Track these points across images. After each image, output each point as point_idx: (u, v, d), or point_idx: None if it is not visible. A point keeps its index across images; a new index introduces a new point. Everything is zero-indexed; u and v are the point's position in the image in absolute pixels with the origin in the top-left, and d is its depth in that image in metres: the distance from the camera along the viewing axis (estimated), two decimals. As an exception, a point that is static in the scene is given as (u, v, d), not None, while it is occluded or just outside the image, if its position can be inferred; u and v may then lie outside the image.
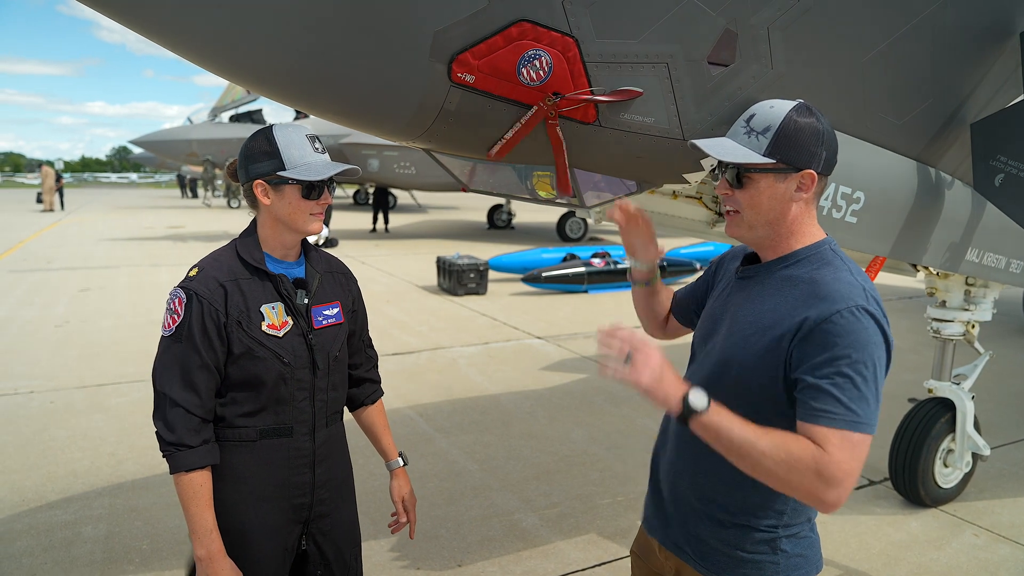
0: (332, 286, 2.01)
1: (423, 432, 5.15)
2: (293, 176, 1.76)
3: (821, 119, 1.53)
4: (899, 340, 8.35)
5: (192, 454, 1.75)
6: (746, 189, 1.54)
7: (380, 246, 17.11)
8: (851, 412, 1.37)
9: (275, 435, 1.87)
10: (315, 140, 1.83)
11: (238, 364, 1.81)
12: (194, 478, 1.76)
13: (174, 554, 3.48)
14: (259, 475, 1.87)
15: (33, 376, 6.31)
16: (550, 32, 2.10)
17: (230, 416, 1.84)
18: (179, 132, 24.44)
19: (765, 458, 1.35)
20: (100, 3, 1.86)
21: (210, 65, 2.08)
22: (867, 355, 1.39)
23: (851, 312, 1.40)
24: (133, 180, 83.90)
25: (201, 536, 1.78)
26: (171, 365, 1.77)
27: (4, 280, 11.24)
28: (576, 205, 2.92)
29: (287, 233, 1.87)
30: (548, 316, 9.33)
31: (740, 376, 1.54)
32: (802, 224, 1.56)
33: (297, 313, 1.87)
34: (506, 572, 3.40)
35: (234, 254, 1.86)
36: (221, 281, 1.79)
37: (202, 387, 1.78)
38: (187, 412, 1.75)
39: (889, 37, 2.53)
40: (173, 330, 1.77)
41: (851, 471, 1.35)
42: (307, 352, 1.88)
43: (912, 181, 2.83)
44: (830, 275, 1.48)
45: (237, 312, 1.79)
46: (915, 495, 4.06)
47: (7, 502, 3.98)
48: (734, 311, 1.62)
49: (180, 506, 3.79)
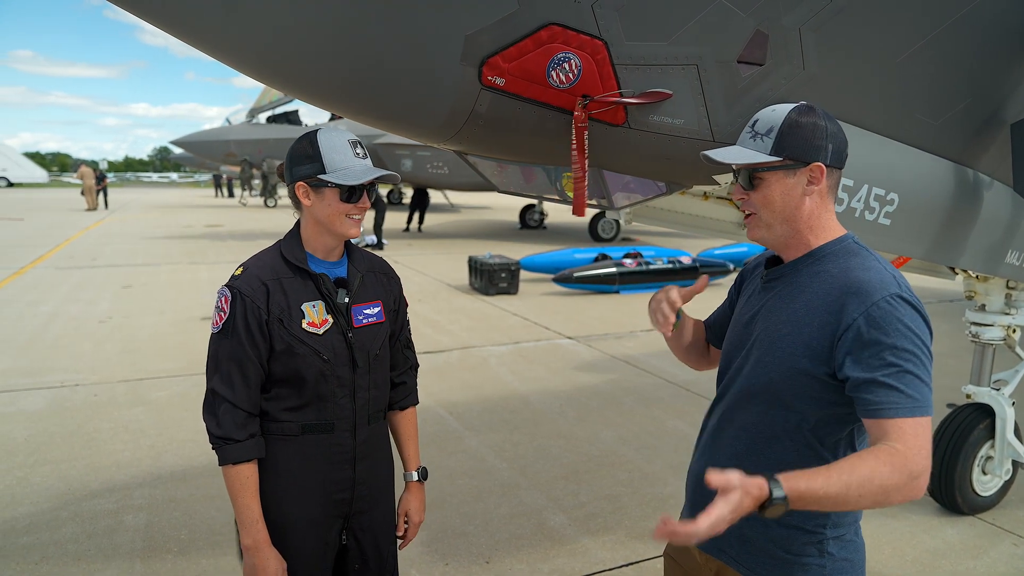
0: (374, 286, 2.04)
1: (453, 430, 5.21)
2: (332, 180, 1.81)
3: (823, 116, 1.55)
4: (937, 344, 8.08)
5: (239, 447, 1.82)
6: (759, 190, 1.57)
7: (413, 245, 17.26)
8: (913, 399, 1.38)
9: (317, 431, 1.92)
10: (357, 145, 1.87)
11: (280, 360, 1.86)
12: (241, 470, 1.82)
13: (211, 544, 3.57)
14: (301, 469, 1.91)
15: (78, 370, 6.51)
16: (579, 35, 2.12)
17: (274, 411, 1.89)
18: (218, 133, 24.95)
19: (864, 499, 1.34)
20: (148, 14, 1.94)
21: (246, 69, 2.15)
22: (911, 340, 1.40)
23: (887, 302, 1.41)
24: (173, 179, 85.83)
25: (248, 526, 1.84)
26: (218, 361, 1.84)
27: (51, 277, 11.60)
28: (606, 206, 2.94)
29: (326, 235, 1.92)
30: (579, 316, 9.33)
31: (777, 375, 1.53)
32: (820, 219, 1.58)
33: (337, 311, 1.92)
34: (534, 570, 3.42)
35: (278, 254, 1.92)
36: (263, 280, 1.85)
37: (247, 382, 1.84)
38: (233, 406, 1.82)
39: (925, 36, 2.49)
40: (220, 327, 1.84)
41: (928, 454, 1.37)
42: (347, 350, 1.92)
43: (949, 182, 2.78)
44: (859, 266, 1.49)
45: (278, 310, 1.84)
46: (952, 502, 3.98)
47: (54, 490, 4.13)
48: (766, 313, 1.61)
49: (217, 498, 3.89)
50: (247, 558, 1.85)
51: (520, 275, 11.04)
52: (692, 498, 1.77)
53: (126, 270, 12.54)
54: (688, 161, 2.42)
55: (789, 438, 1.54)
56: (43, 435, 4.94)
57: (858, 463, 1.35)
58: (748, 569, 1.60)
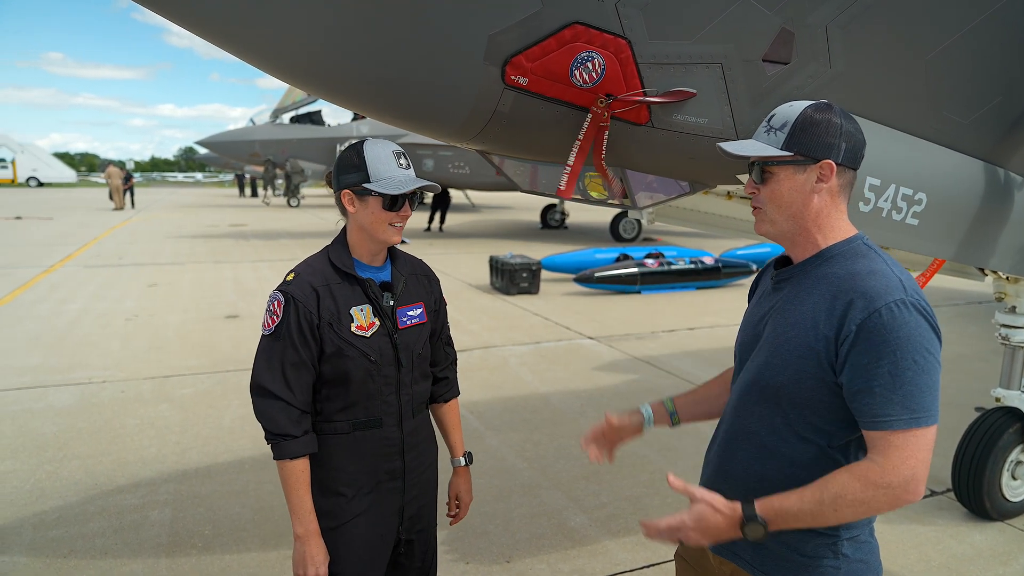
0: (416, 288, 2.13)
1: (474, 429, 5.21)
2: (375, 188, 1.89)
3: (840, 115, 1.54)
4: (966, 347, 8.05)
5: (295, 443, 1.90)
6: (767, 184, 1.57)
7: (434, 245, 17.32)
8: (908, 410, 1.38)
9: (367, 427, 2.01)
10: (401, 156, 1.94)
11: (330, 362, 1.94)
12: (296, 465, 1.91)
13: (235, 540, 3.61)
14: (354, 464, 2.00)
15: (105, 367, 6.61)
16: (603, 34, 2.11)
17: (327, 411, 1.98)
18: (242, 133, 25.21)
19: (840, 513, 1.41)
20: (176, 14, 1.96)
21: (271, 69, 2.17)
22: (913, 349, 1.38)
23: (889, 309, 1.40)
24: (199, 179, 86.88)
25: (301, 516, 1.92)
26: (271, 361, 1.91)
27: (79, 275, 11.80)
28: (629, 206, 2.92)
29: (370, 241, 1.99)
30: (600, 316, 9.30)
31: (785, 379, 1.53)
32: (829, 219, 1.57)
33: (383, 314, 2.00)
34: (554, 570, 3.42)
35: (326, 260, 2.00)
36: (315, 286, 1.93)
37: (300, 382, 1.92)
38: (287, 404, 1.90)
39: (955, 33, 2.45)
40: (273, 329, 1.91)
41: (917, 463, 1.39)
42: (392, 350, 2.01)
43: (978, 182, 2.74)
44: (865, 270, 1.47)
45: (328, 315, 1.92)
46: (980, 508, 3.91)
47: (82, 485, 4.20)
48: (775, 315, 1.60)
49: (241, 494, 3.93)
50: (297, 546, 1.94)
51: (541, 275, 11.03)
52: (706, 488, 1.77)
53: (152, 269, 12.72)
54: (712, 160, 2.40)
55: (799, 440, 1.54)
56: (71, 431, 5.03)
57: (830, 481, 1.42)
58: (763, 573, 1.60)
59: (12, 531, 3.66)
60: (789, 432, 1.55)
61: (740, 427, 1.65)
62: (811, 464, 1.52)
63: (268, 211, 28.80)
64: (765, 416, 1.58)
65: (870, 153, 2.45)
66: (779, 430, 1.56)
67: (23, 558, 3.42)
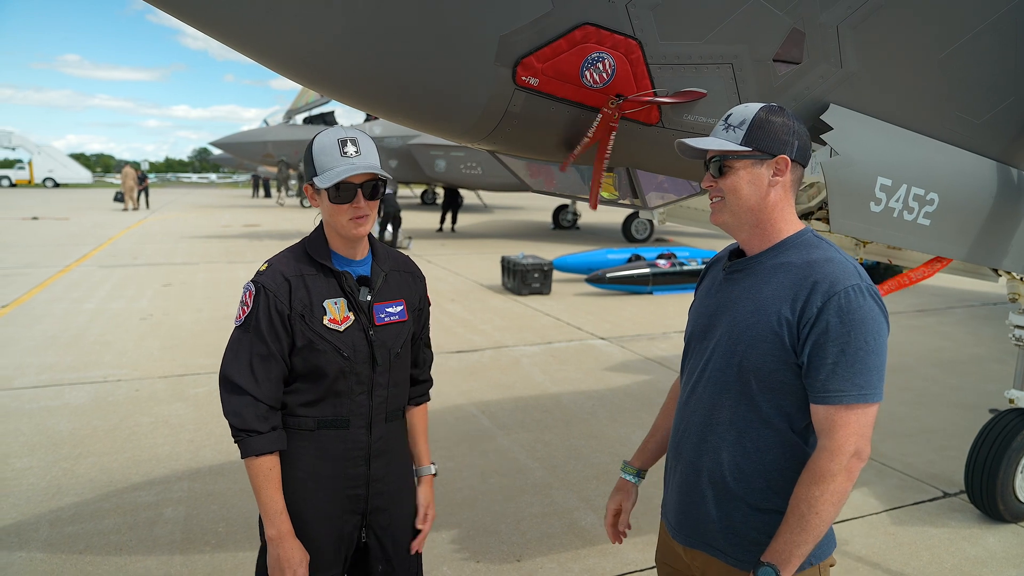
0: (398, 284, 2.04)
1: (485, 429, 5.23)
2: (316, 183, 1.83)
3: (792, 117, 1.66)
4: (980, 348, 7.99)
5: (261, 439, 1.82)
6: (727, 177, 1.66)
7: (446, 245, 17.35)
8: (856, 386, 1.50)
9: (332, 426, 1.93)
10: (347, 143, 1.82)
11: (301, 355, 1.87)
12: (264, 462, 1.84)
13: (248, 537, 3.64)
14: (316, 463, 1.92)
15: (120, 365, 6.68)
16: (614, 35, 2.12)
17: (292, 404, 1.91)
18: (256, 134, 25.33)
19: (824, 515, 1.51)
20: (189, 16, 1.98)
21: (283, 70, 2.19)
22: (867, 330, 1.50)
23: (847, 293, 1.51)
24: (213, 180, 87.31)
25: (271, 517, 1.85)
26: (240, 354, 1.84)
27: (95, 275, 11.92)
28: (639, 206, 2.93)
29: (337, 235, 1.93)
30: (612, 317, 9.29)
31: (749, 364, 1.61)
32: (783, 212, 1.66)
33: (359, 309, 1.92)
34: (564, 569, 3.43)
35: (303, 251, 1.94)
36: (287, 276, 1.87)
37: (268, 375, 1.84)
38: (255, 399, 1.82)
39: (967, 33, 2.44)
40: (243, 320, 1.86)
41: (860, 437, 1.51)
42: (367, 347, 1.93)
43: (991, 182, 2.72)
44: (822, 257, 1.58)
45: (300, 306, 1.85)
46: (993, 509, 3.88)
47: (97, 482, 4.25)
48: (733, 304, 1.68)
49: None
50: (271, 549, 1.87)
51: (553, 275, 11.04)
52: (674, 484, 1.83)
53: (166, 268, 12.83)
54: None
55: (764, 426, 1.62)
56: (87, 428, 5.09)
57: (797, 500, 1.53)
58: (735, 559, 1.66)
59: (29, 527, 3.71)
60: (755, 417, 1.62)
61: (704, 418, 1.70)
62: (775, 448, 1.61)
63: (281, 211, 28.97)
64: (731, 407, 1.65)
65: (881, 153, 2.46)
66: (745, 416, 1.63)
67: (40, 554, 3.46)
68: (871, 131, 2.44)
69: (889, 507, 4.09)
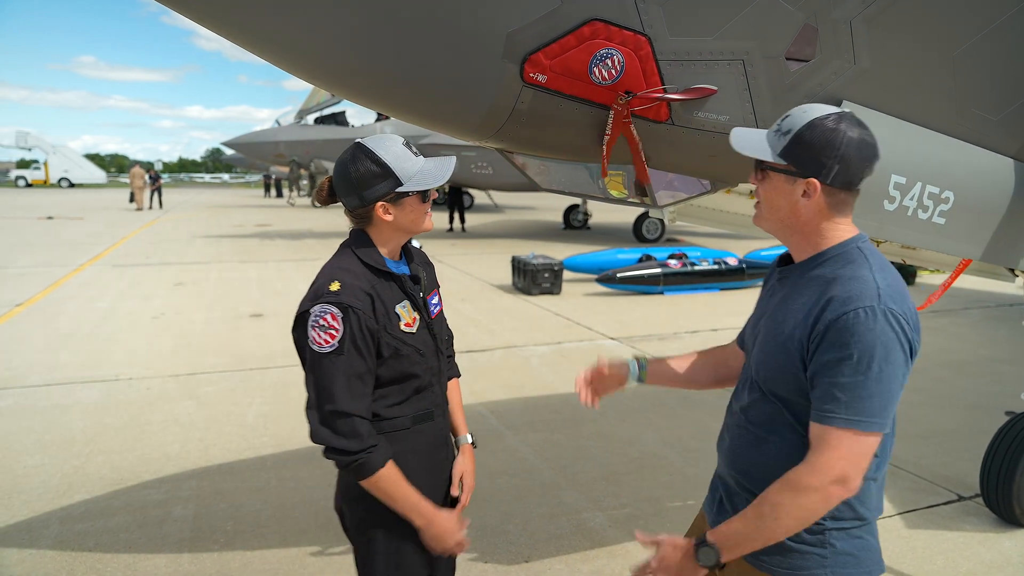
0: (429, 276, 2.12)
1: (494, 429, 5.21)
2: (414, 188, 1.87)
3: (848, 131, 1.50)
4: (995, 350, 7.89)
5: (379, 452, 1.84)
6: (764, 183, 1.62)
7: (456, 245, 17.36)
8: (851, 410, 1.43)
9: (423, 420, 2.01)
10: (410, 145, 1.90)
11: (387, 364, 1.89)
12: (389, 470, 1.85)
13: (256, 536, 3.65)
14: (414, 460, 1.97)
15: (132, 364, 6.72)
16: (622, 31, 2.09)
17: (381, 409, 1.92)
18: (267, 134, 25.44)
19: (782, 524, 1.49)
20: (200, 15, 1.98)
21: (295, 69, 2.18)
22: (872, 355, 1.42)
23: (857, 314, 1.43)
24: (225, 180, 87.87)
25: (416, 507, 1.90)
26: (337, 379, 1.80)
27: (107, 274, 12.00)
28: (649, 205, 2.90)
29: (404, 237, 1.98)
30: (622, 317, 9.25)
31: (768, 376, 1.60)
32: (819, 228, 1.58)
33: (419, 307, 1.99)
34: (573, 570, 3.40)
35: (357, 261, 1.91)
36: (366, 290, 1.86)
37: (366, 392, 1.86)
38: (361, 418, 1.83)
39: (984, 28, 2.40)
40: (335, 344, 1.79)
41: (848, 465, 1.44)
42: (432, 341, 2.01)
43: (1008, 180, 2.67)
44: (848, 274, 1.50)
45: (382, 318, 1.87)
46: (1009, 513, 3.83)
47: (107, 480, 4.27)
48: (771, 313, 1.66)
49: (263, 491, 3.96)
50: (427, 533, 1.92)
51: (563, 275, 11.00)
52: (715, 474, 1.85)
53: (178, 268, 12.90)
54: (733, 158, 2.37)
55: (787, 430, 1.59)
56: (98, 426, 5.12)
57: (766, 494, 1.51)
58: (752, 555, 1.63)
59: (40, 524, 3.73)
60: (778, 423, 1.61)
61: (740, 417, 1.72)
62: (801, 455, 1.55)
63: (293, 211, 29.08)
64: (755, 410, 1.65)
65: (895, 150, 2.42)
66: (765, 423, 1.63)
67: (50, 551, 3.48)
68: (885, 128, 2.40)
69: (903, 510, 4.04)
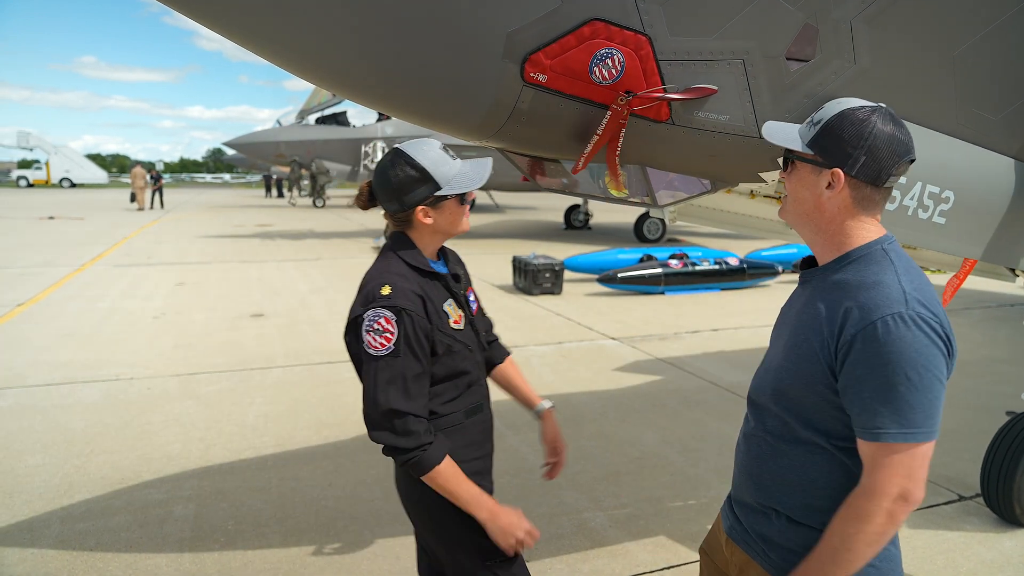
0: (464, 273, 2.20)
1: (494, 428, 5.20)
2: (454, 192, 1.93)
3: (880, 123, 1.48)
4: (996, 350, 7.88)
5: (435, 448, 1.88)
6: (791, 175, 1.59)
7: (457, 245, 17.31)
8: (898, 424, 1.37)
9: (474, 413, 2.09)
10: (446, 149, 1.97)
11: (441, 362, 1.96)
12: (447, 465, 1.89)
13: (257, 535, 3.65)
14: (468, 453, 2.05)
15: (133, 364, 6.72)
16: (623, 31, 2.09)
17: (436, 407, 1.99)
18: (268, 134, 25.44)
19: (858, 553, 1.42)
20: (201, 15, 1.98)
21: (295, 69, 2.18)
22: (906, 364, 1.36)
23: (885, 323, 1.37)
24: (226, 180, 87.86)
25: (477, 501, 1.94)
26: (394, 381, 1.85)
27: (109, 274, 12.01)
28: (649, 204, 2.90)
29: (443, 239, 2.06)
30: (623, 317, 9.26)
31: (792, 383, 1.54)
32: (843, 226, 1.54)
33: (462, 305, 2.06)
34: (573, 570, 3.40)
35: (404, 264, 1.97)
36: (416, 292, 1.91)
37: (422, 391, 1.90)
38: (416, 417, 1.87)
39: (984, 27, 2.40)
40: (392, 347, 1.84)
41: (905, 478, 1.38)
42: (475, 336, 2.09)
43: (1009, 180, 2.67)
44: (871, 279, 1.45)
45: (434, 318, 1.93)
46: (1010, 513, 3.82)
47: (108, 479, 4.27)
48: (794, 316, 1.61)
49: (264, 490, 3.96)
50: (492, 525, 1.94)
51: (564, 275, 11.01)
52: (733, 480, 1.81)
53: (179, 268, 12.91)
54: (734, 158, 2.38)
55: (809, 442, 1.54)
56: (99, 426, 5.12)
57: (831, 532, 1.45)
58: (771, 564, 1.61)
59: (41, 523, 3.73)
60: (797, 434, 1.55)
61: (756, 427, 1.67)
62: (820, 465, 1.52)
63: (294, 212, 29.09)
64: (775, 418, 1.60)
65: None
66: (787, 432, 1.57)
67: (51, 550, 3.48)
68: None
69: (903, 510, 4.04)
